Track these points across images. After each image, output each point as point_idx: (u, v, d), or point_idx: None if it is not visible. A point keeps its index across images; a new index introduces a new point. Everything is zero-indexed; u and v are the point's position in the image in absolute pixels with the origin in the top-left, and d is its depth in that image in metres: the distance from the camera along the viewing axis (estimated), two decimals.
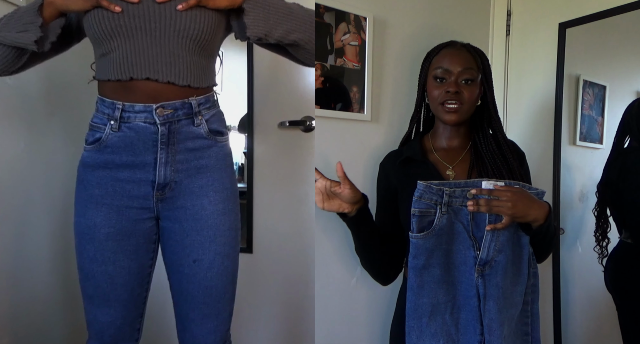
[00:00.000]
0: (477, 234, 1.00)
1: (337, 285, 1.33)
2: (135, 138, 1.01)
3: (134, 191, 1.03)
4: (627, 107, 1.34)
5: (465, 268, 1.00)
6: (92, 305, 1.07)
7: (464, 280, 1.01)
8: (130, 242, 1.04)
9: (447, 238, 1.00)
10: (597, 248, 1.37)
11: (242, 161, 1.80)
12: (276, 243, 1.65)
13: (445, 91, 1.10)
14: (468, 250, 1.00)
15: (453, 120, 1.11)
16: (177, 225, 1.04)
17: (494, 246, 0.98)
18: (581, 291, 1.48)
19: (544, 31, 1.57)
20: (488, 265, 0.99)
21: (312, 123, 1.55)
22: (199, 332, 1.07)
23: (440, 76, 1.12)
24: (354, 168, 1.34)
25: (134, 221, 1.04)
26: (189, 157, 1.04)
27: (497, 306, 0.98)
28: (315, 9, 1.26)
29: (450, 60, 1.13)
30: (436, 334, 1.00)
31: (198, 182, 1.05)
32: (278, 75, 1.62)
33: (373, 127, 1.37)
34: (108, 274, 1.03)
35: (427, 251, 0.99)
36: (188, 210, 1.04)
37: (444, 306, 1.00)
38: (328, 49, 1.28)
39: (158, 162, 1.01)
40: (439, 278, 1.00)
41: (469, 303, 1.00)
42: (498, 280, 0.99)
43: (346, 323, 1.35)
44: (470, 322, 1.00)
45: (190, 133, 1.04)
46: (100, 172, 1.03)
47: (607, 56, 1.44)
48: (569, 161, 1.49)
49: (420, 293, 1.00)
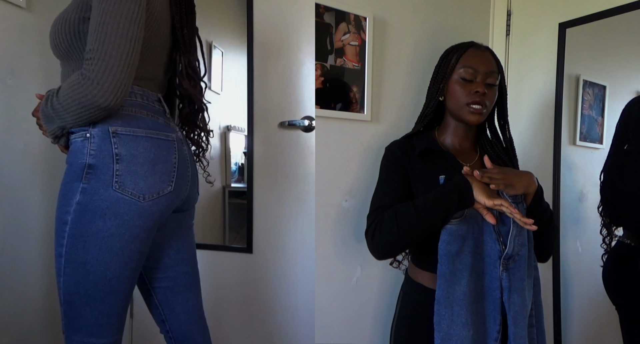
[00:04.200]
0: (501, 229, 1.02)
1: (337, 285, 1.33)
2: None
3: None
4: (624, 110, 1.35)
5: (491, 260, 1.02)
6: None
7: (488, 272, 1.02)
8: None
9: (477, 228, 1.02)
10: (603, 245, 1.37)
11: (242, 161, 1.80)
12: (276, 243, 1.65)
13: (474, 91, 1.11)
14: (494, 243, 1.01)
15: (476, 121, 1.12)
16: None
17: (518, 240, 1.01)
18: (581, 291, 1.48)
19: (544, 31, 1.57)
20: (512, 259, 1.01)
21: (312, 123, 1.55)
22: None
23: (469, 77, 1.12)
24: (353, 168, 1.34)
25: None
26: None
27: (522, 299, 1.01)
28: (315, 9, 1.26)
29: (479, 61, 1.13)
30: (467, 324, 0.99)
31: None
32: (278, 75, 1.62)
33: (373, 127, 1.37)
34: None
35: (461, 238, 0.99)
36: None
37: (475, 294, 1.00)
38: (328, 49, 1.28)
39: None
40: (470, 267, 1.00)
41: (492, 295, 1.01)
42: (522, 274, 1.01)
43: (346, 323, 1.35)
44: (491, 313, 1.01)
45: None
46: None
47: (607, 56, 1.44)
48: (569, 161, 1.49)
49: (452, 280, 0.99)
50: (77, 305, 0.97)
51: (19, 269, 1.50)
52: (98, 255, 0.94)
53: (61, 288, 0.98)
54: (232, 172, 1.86)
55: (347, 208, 1.33)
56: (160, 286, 1.15)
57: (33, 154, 1.51)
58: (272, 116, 1.63)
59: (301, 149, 1.60)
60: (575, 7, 1.48)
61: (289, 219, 1.63)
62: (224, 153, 1.83)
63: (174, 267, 1.15)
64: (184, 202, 1.11)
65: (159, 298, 1.16)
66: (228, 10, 1.78)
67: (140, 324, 1.85)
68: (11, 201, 1.46)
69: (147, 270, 1.13)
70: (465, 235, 1.00)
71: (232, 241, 1.80)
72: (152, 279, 1.14)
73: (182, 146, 1.08)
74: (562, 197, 1.50)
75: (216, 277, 1.72)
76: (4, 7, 1.44)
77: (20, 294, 1.51)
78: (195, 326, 1.18)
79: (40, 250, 1.56)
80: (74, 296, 0.97)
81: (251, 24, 1.63)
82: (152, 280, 1.15)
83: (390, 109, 1.40)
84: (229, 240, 1.83)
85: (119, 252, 0.96)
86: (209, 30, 1.25)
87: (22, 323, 1.52)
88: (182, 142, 1.09)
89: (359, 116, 1.34)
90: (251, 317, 1.70)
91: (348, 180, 1.33)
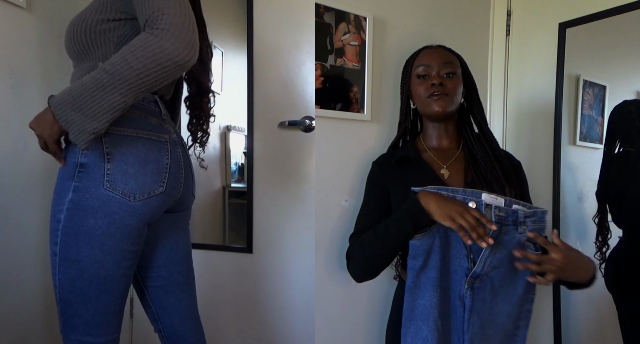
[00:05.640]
0: (473, 246, 0.97)
1: (337, 285, 1.33)
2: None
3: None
4: (610, 113, 1.36)
5: (457, 277, 1.00)
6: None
7: (454, 288, 1.00)
8: None
9: (445, 242, 1.00)
10: (598, 254, 1.37)
11: (242, 161, 1.80)
12: (276, 243, 1.65)
13: (430, 84, 1.14)
14: (462, 260, 0.99)
15: (440, 109, 1.13)
16: None
17: (490, 262, 0.97)
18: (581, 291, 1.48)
19: (544, 31, 1.57)
20: (479, 279, 0.98)
21: (312, 123, 1.55)
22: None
23: (422, 73, 1.17)
24: (353, 168, 1.34)
25: None
26: None
27: (481, 321, 0.98)
28: (315, 9, 1.26)
29: (429, 56, 1.18)
30: (427, 339, 0.99)
31: None
32: (278, 75, 1.62)
33: (373, 127, 1.37)
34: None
35: (425, 253, 0.99)
36: None
37: (437, 310, 0.99)
38: (328, 49, 1.28)
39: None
40: (434, 281, 0.99)
41: (456, 313, 1.00)
42: (485, 295, 0.99)
43: (346, 323, 1.35)
44: (456, 332, 1.00)
45: None
46: None
47: (607, 56, 1.44)
48: (569, 161, 1.49)
49: (416, 293, 1.00)
50: (73, 304, 0.97)
51: (19, 269, 1.50)
52: (91, 253, 0.95)
53: (57, 286, 0.99)
54: (232, 172, 1.86)
55: (347, 208, 1.33)
56: (153, 285, 1.15)
57: (33, 154, 1.51)
58: (272, 116, 1.63)
59: (301, 149, 1.60)
60: (575, 7, 1.48)
61: (289, 219, 1.63)
62: (224, 153, 1.83)
63: (167, 267, 1.15)
64: (178, 203, 1.11)
65: (151, 297, 1.16)
66: (228, 10, 1.78)
67: (140, 324, 1.85)
68: (11, 201, 1.46)
69: (140, 269, 1.13)
70: (429, 250, 0.99)
71: (232, 241, 1.80)
72: (145, 278, 1.15)
73: (176, 147, 1.07)
74: (562, 197, 1.50)
75: (216, 277, 1.72)
76: (4, 7, 1.44)
77: (20, 294, 1.51)
78: (187, 326, 1.18)
79: (40, 249, 1.56)
80: (70, 295, 0.97)
81: (251, 24, 1.63)
82: (144, 279, 1.15)
83: (390, 109, 1.40)
84: (229, 240, 1.83)
85: (112, 251, 0.96)
86: (209, 30, 1.26)
87: (22, 323, 1.52)
88: (176, 143, 1.08)
89: (359, 116, 1.34)
90: (251, 317, 1.70)
91: (348, 180, 1.33)
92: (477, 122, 1.21)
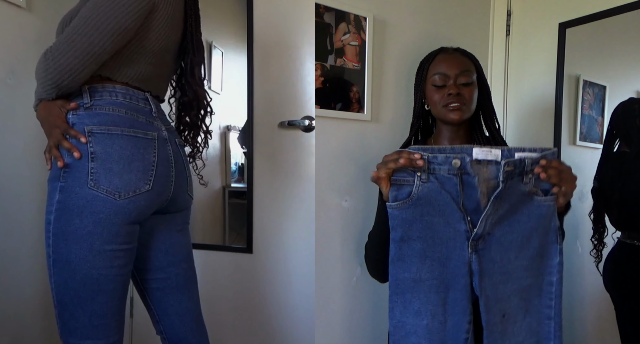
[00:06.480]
0: (468, 206, 0.90)
1: (337, 285, 1.33)
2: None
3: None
4: (614, 111, 1.36)
5: (455, 243, 0.92)
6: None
7: (453, 257, 0.92)
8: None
9: (430, 209, 0.91)
10: (594, 251, 1.37)
11: (242, 161, 1.80)
12: (276, 243, 1.65)
13: (447, 94, 1.13)
14: (458, 223, 0.91)
15: (457, 118, 1.13)
16: None
17: (491, 219, 0.89)
18: (581, 291, 1.48)
19: (544, 31, 1.57)
20: (482, 239, 0.91)
21: (312, 123, 1.55)
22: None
23: (440, 83, 1.16)
24: (353, 168, 1.34)
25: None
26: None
27: (493, 282, 0.91)
28: (315, 9, 1.26)
29: (447, 64, 1.16)
30: (419, 313, 0.93)
31: None
32: (278, 75, 1.62)
33: (373, 127, 1.37)
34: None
35: (405, 223, 0.91)
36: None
37: (428, 283, 0.92)
38: (328, 49, 1.28)
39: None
40: (420, 253, 0.92)
41: (459, 282, 0.92)
42: (493, 255, 0.91)
43: (346, 323, 1.35)
44: (459, 302, 0.92)
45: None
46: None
47: (607, 56, 1.44)
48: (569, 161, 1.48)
49: (401, 267, 0.93)
50: (69, 306, 0.97)
51: (19, 269, 1.50)
52: (80, 254, 0.95)
53: (53, 289, 0.99)
54: (232, 172, 1.86)
55: (347, 208, 1.33)
56: (151, 287, 1.14)
57: (33, 154, 1.51)
58: (272, 116, 1.63)
59: (301, 149, 1.60)
60: (575, 7, 1.48)
61: (288, 219, 1.63)
62: (224, 153, 1.83)
63: (164, 269, 1.14)
64: (171, 203, 1.09)
65: (151, 298, 1.16)
66: (228, 10, 1.78)
67: (140, 324, 1.85)
68: (11, 201, 1.46)
69: (137, 270, 1.13)
70: (411, 219, 0.91)
71: (232, 241, 1.80)
72: (143, 280, 1.14)
73: (166, 145, 1.06)
74: None
75: (216, 277, 1.72)
76: (4, 7, 1.44)
77: (19, 294, 1.51)
78: (188, 328, 1.17)
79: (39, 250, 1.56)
80: (65, 297, 0.97)
81: (251, 24, 1.63)
82: (142, 281, 1.15)
83: (390, 109, 1.40)
84: (229, 240, 1.83)
85: (101, 250, 0.96)
86: (209, 30, 1.26)
87: (22, 324, 1.52)
88: (167, 141, 1.07)
89: (359, 116, 1.34)
90: (251, 317, 1.70)
91: (348, 180, 1.33)
92: (488, 126, 1.22)
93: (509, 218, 0.91)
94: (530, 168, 0.89)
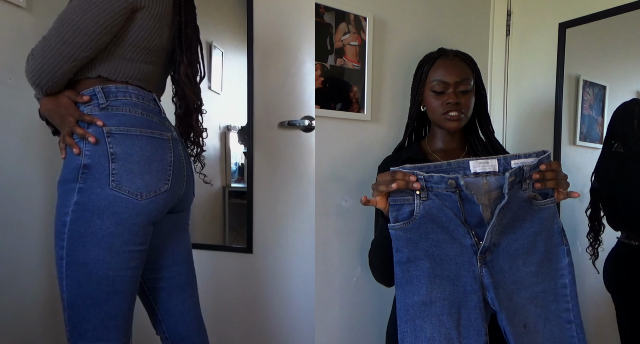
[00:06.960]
0: (471, 221, 0.88)
1: (337, 285, 1.33)
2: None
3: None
4: (615, 110, 1.36)
5: (464, 258, 0.89)
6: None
7: (463, 273, 0.89)
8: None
9: (434, 227, 0.89)
10: (590, 249, 1.37)
11: (242, 161, 1.80)
12: (276, 243, 1.65)
13: (446, 103, 1.13)
14: (464, 238, 0.89)
15: (455, 128, 1.14)
16: None
17: (496, 230, 0.88)
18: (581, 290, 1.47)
19: (544, 31, 1.57)
20: (489, 251, 0.89)
21: (312, 123, 1.55)
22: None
23: (439, 90, 1.15)
24: (353, 168, 1.34)
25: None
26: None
27: (507, 293, 0.89)
28: (315, 9, 1.26)
29: (446, 71, 1.15)
30: (433, 339, 0.87)
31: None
32: (278, 75, 1.62)
33: (373, 127, 1.37)
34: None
35: (411, 243, 0.89)
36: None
37: (439, 304, 0.88)
38: (328, 49, 1.28)
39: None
40: (429, 272, 0.88)
41: (471, 300, 0.88)
42: (502, 265, 0.89)
43: (346, 323, 1.35)
44: (474, 322, 0.88)
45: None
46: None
47: (607, 56, 1.44)
48: (569, 161, 1.49)
49: (409, 290, 0.88)
50: (82, 308, 0.97)
51: (20, 270, 1.50)
52: (99, 255, 0.94)
53: (64, 291, 0.97)
54: (232, 172, 1.86)
55: (347, 208, 1.33)
56: (155, 286, 1.15)
57: (33, 154, 1.51)
58: (272, 116, 1.63)
59: (301, 149, 1.60)
60: (575, 7, 1.48)
61: (289, 219, 1.63)
62: (224, 153, 1.83)
63: (169, 268, 1.15)
64: (179, 202, 1.11)
65: (154, 299, 1.16)
66: (228, 10, 1.78)
67: (140, 324, 1.85)
68: (11, 201, 1.46)
69: (143, 270, 1.13)
70: (416, 239, 0.89)
71: (232, 241, 1.80)
72: (147, 280, 1.15)
73: (177, 145, 1.08)
74: None
75: (216, 277, 1.72)
76: (4, 7, 1.44)
77: (21, 295, 1.51)
78: (191, 326, 1.18)
79: (41, 250, 1.56)
80: (78, 299, 0.96)
81: (251, 24, 1.63)
82: (147, 281, 1.15)
83: (390, 109, 1.40)
84: (229, 240, 1.83)
85: (119, 251, 0.96)
86: (209, 30, 1.26)
87: (24, 324, 1.52)
88: (177, 141, 1.09)
89: (359, 116, 1.34)
90: (251, 317, 1.70)
91: (348, 180, 1.33)
92: (484, 130, 1.22)
93: (512, 226, 0.90)
94: (528, 174, 0.88)
